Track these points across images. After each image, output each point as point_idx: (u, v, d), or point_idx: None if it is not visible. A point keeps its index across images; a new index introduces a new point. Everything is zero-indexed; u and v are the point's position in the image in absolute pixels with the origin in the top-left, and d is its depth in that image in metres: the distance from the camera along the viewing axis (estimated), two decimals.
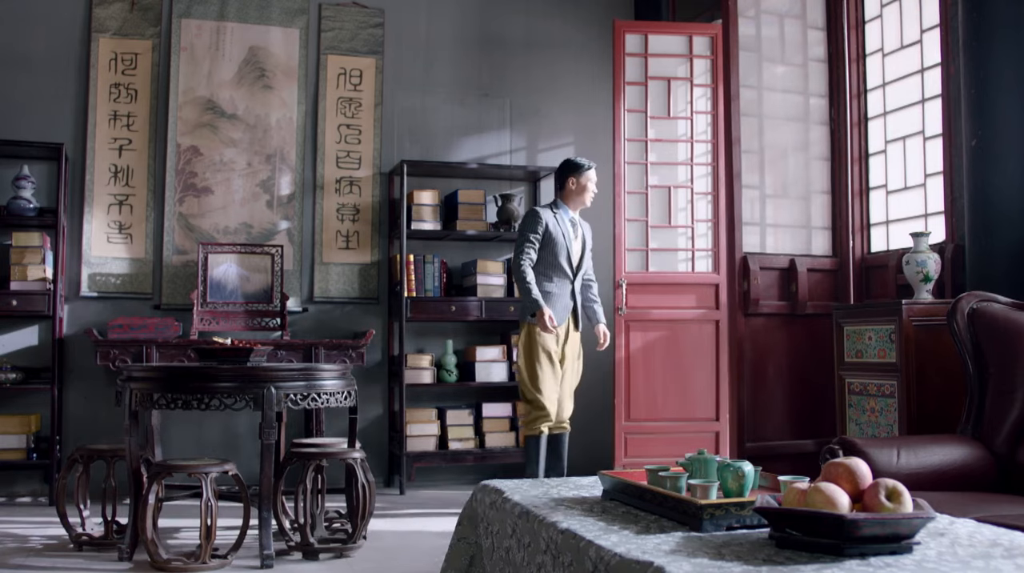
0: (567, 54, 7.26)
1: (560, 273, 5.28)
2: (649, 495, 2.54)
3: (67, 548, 4.63)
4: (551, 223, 5.28)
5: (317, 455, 4.56)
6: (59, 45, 6.39)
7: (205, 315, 6.23)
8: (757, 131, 5.59)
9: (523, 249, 5.23)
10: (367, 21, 6.89)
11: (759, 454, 5.23)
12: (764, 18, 5.69)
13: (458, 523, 3.09)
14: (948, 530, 2.29)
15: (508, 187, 6.93)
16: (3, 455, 5.82)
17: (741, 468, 2.48)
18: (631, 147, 6.40)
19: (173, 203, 6.46)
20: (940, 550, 2.07)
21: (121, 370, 4.71)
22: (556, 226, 5.28)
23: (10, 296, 5.85)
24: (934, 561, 1.96)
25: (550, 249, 5.25)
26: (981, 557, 2.00)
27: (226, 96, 6.61)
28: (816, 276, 5.54)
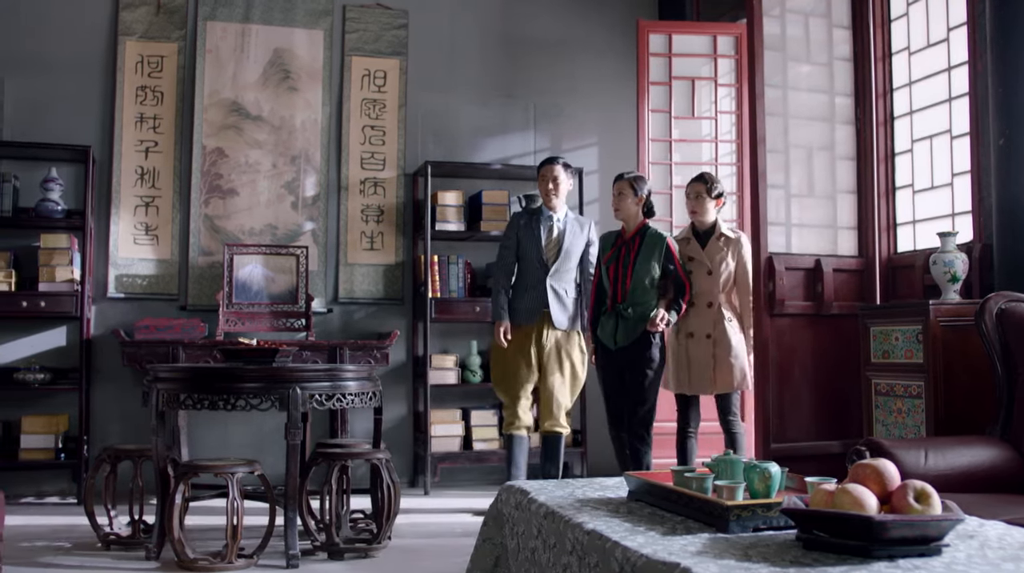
0: (591, 55, 7.25)
1: (531, 274, 5.44)
2: (675, 496, 2.53)
3: (95, 547, 4.67)
4: (522, 225, 5.51)
5: (342, 455, 4.57)
6: (86, 48, 6.45)
7: (231, 316, 6.26)
8: (782, 130, 5.55)
9: (498, 256, 5.61)
10: (391, 22, 6.91)
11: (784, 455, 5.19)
12: (789, 17, 5.65)
13: (483, 524, 3.09)
14: (978, 532, 2.27)
15: (532, 188, 6.89)
16: (32, 455, 5.87)
17: (767, 469, 2.47)
18: (655, 147, 6.39)
19: (199, 204, 6.50)
20: (969, 553, 2.06)
21: (148, 371, 4.74)
22: (527, 228, 5.49)
23: (38, 297, 5.90)
24: (963, 564, 1.94)
25: (522, 251, 5.48)
26: (1011, 560, 1.98)
27: (251, 98, 6.64)
28: (842, 276, 5.50)
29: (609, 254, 5.29)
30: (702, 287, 5.26)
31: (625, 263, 5.21)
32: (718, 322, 5.23)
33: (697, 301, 5.27)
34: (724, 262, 5.26)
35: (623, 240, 5.29)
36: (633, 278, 5.16)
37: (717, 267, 5.26)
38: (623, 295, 5.18)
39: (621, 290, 5.19)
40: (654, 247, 5.20)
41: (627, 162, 6.79)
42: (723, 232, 5.33)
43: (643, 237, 5.24)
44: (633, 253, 5.21)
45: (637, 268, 5.17)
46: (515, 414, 5.41)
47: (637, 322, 5.13)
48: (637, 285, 5.16)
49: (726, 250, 5.29)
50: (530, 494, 2.81)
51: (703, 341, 5.24)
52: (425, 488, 6.37)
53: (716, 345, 5.21)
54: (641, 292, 5.16)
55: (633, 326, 5.13)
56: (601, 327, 5.26)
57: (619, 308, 5.17)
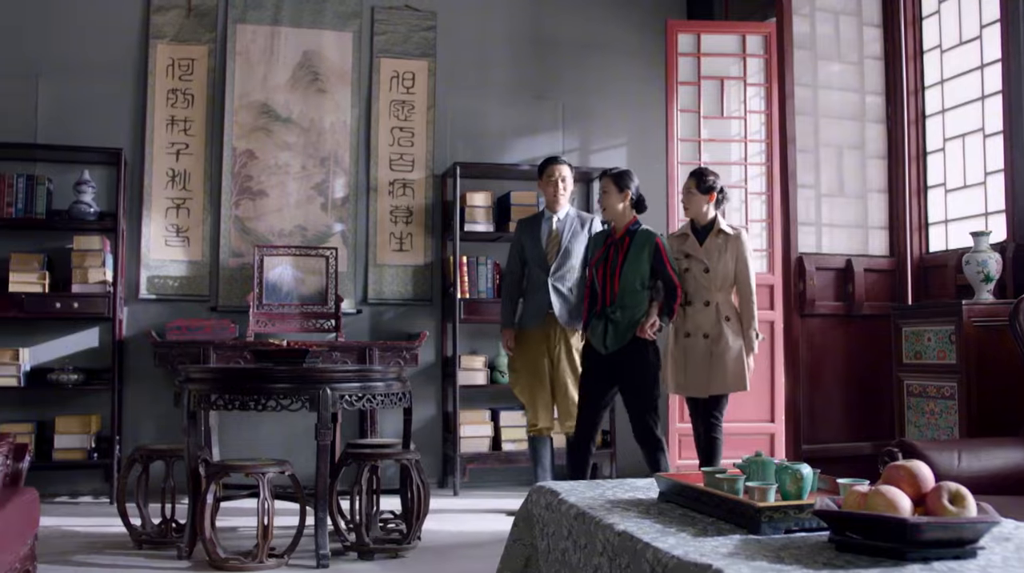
0: (619, 55, 7.23)
1: (535, 276, 5.47)
2: (706, 497, 2.52)
3: (127, 546, 4.70)
4: (526, 229, 5.56)
5: (372, 456, 4.59)
6: (118, 52, 6.50)
7: (261, 317, 6.29)
8: (812, 130, 5.53)
9: (508, 261, 5.67)
10: (420, 24, 6.93)
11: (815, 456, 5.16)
12: (819, 16, 5.63)
13: (513, 524, 3.09)
14: (1013, 535, 2.25)
15: None
16: (65, 455, 5.93)
17: (799, 470, 2.46)
18: (684, 147, 6.38)
19: (229, 206, 6.54)
20: (1005, 555, 2.04)
21: (179, 371, 4.77)
22: (530, 231, 5.53)
23: (72, 299, 5.95)
24: (999, 567, 1.93)
25: (526, 255, 5.51)
26: None
27: (281, 100, 6.67)
28: (873, 276, 5.47)
29: (598, 255, 5.09)
30: (699, 285, 5.05)
31: (613, 265, 4.99)
32: (716, 322, 5.00)
33: (694, 300, 5.06)
34: (722, 259, 5.02)
35: (612, 240, 5.08)
36: (622, 280, 4.94)
37: (715, 265, 5.02)
38: (612, 298, 4.95)
39: (610, 293, 4.96)
40: (643, 247, 4.97)
41: (656, 162, 6.78)
42: (721, 229, 5.09)
43: (632, 237, 5.02)
44: (622, 254, 4.99)
45: (626, 270, 4.95)
46: (535, 417, 5.43)
47: (627, 326, 4.91)
48: (626, 287, 4.93)
49: (725, 247, 5.05)
50: (560, 495, 2.81)
51: (700, 341, 5.02)
52: (454, 489, 6.37)
53: (713, 345, 4.99)
54: (630, 294, 4.93)
55: (623, 330, 4.91)
56: (591, 331, 5.04)
57: (608, 311, 4.94)
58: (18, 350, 5.93)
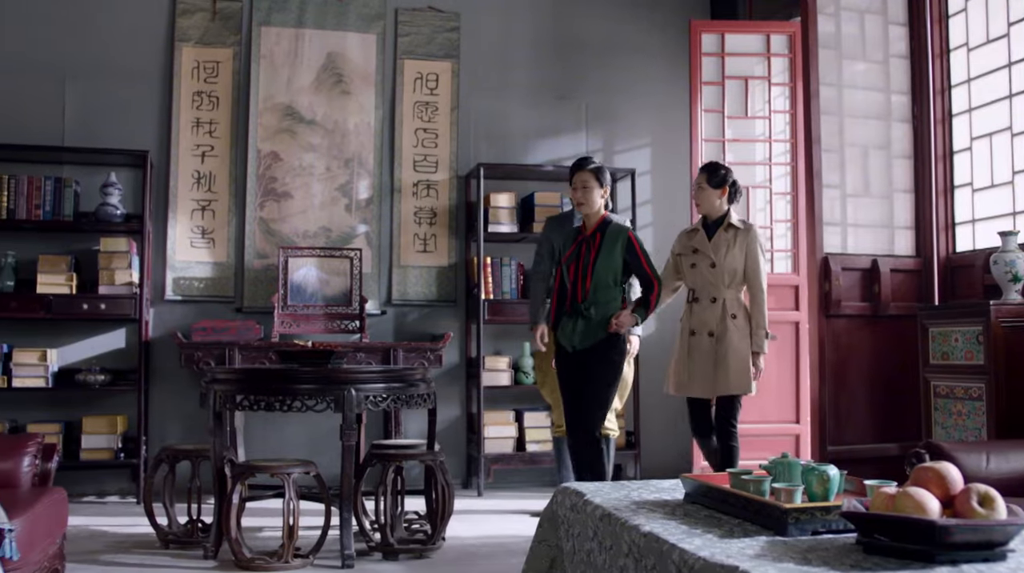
0: (643, 55, 7.22)
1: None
2: (732, 498, 2.51)
3: (154, 545, 4.74)
4: (557, 228, 5.51)
5: (397, 456, 4.60)
6: (144, 55, 6.54)
7: (285, 318, 6.32)
8: (837, 129, 5.50)
9: (533, 262, 5.65)
10: (443, 25, 6.94)
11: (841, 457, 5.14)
12: (844, 15, 5.60)
13: (538, 525, 3.09)
14: None
15: None
16: (92, 455, 5.98)
17: (826, 472, 2.45)
18: (708, 147, 6.36)
19: (254, 208, 6.57)
20: None
21: (205, 372, 4.80)
22: (561, 230, 5.42)
23: (99, 300, 6.00)
24: None
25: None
26: None
27: (305, 102, 6.70)
28: (899, 276, 5.44)
29: (569, 252, 4.92)
30: (706, 281, 4.91)
31: (586, 261, 4.83)
32: (721, 319, 4.86)
33: (701, 297, 4.93)
34: (730, 254, 4.88)
35: (584, 237, 4.91)
36: (594, 277, 4.78)
37: (722, 260, 4.88)
38: (584, 294, 4.79)
39: (582, 289, 4.80)
40: (616, 242, 4.81)
41: (680, 162, 6.77)
42: (731, 223, 4.95)
43: (604, 232, 4.86)
44: (594, 250, 4.83)
45: (598, 266, 4.79)
46: (560, 417, 5.41)
47: (599, 323, 4.75)
48: (599, 284, 4.77)
49: (733, 242, 4.90)
50: (586, 496, 2.80)
51: (705, 339, 4.88)
52: (478, 489, 6.38)
53: (719, 343, 4.84)
54: (603, 291, 4.77)
55: (595, 328, 4.76)
56: (561, 329, 4.87)
57: (580, 308, 4.78)
58: (46, 351, 5.98)
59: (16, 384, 5.90)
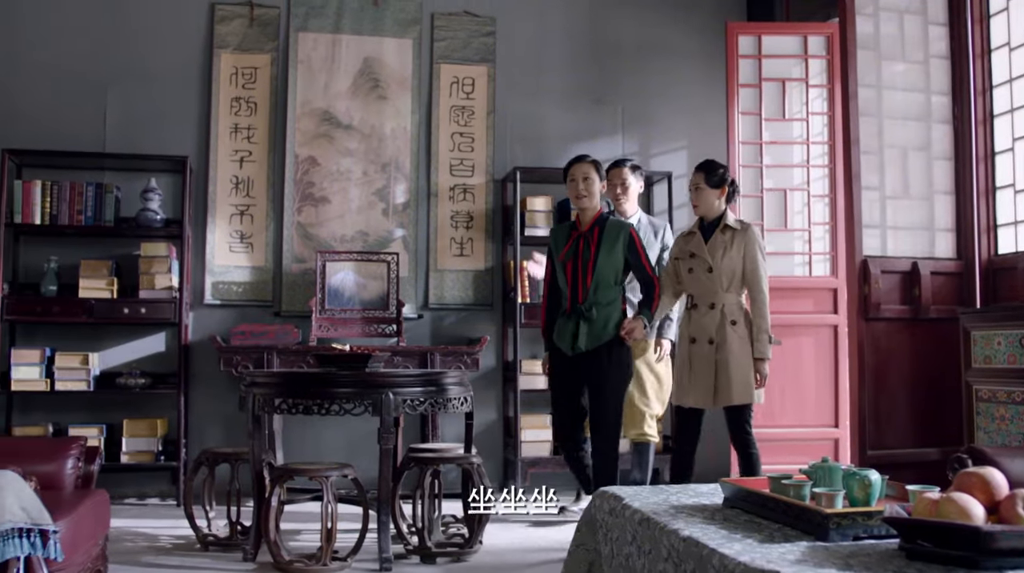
0: (679, 58, 7.19)
1: None
2: (772, 503, 2.50)
3: (194, 548, 4.78)
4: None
5: (434, 460, 4.61)
6: (183, 62, 6.61)
7: (323, 322, 6.35)
8: (876, 131, 5.45)
9: None
10: (479, 29, 6.95)
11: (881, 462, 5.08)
12: (883, 15, 5.55)
13: (576, 529, 3.09)
14: None
15: None
16: (133, 457, 6.04)
17: (867, 477, 2.42)
18: (745, 150, 6.33)
19: (292, 212, 6.61)
20: None
21: (244, 376, 4.83)
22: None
23: (139, 304, 6.06)
24: None
25: None
26: None
27: (342, 107, 6.74)
28: (940, 279, 5.37)
29: (565, 249, 4.69)
30: (704, 286, 4.67)
31: (585, 258, 4.62)
32: (721, 326, 4.61)
33: (700, 303, 4.70)
34: (727, 257, 4.63)
35: (580, 232, 4.70)
36: (595, 274, 4.59)
37: (719, 263, 4.63)
38: (584, 294, 4.59)
39: (582, 289, 4.60)
40: (617, 238, 4.63)
41: None
42: (728, 224, 4.71)
43: (602, 227, 4.67)
44: (593, 246, 4.62)
45: (600, 263, 4.60)
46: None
47: (603, 325, 4.58)
48: (600, 282, 4.60)
49: (731, 244, 4.66)
50: (624, 500, 2.80)
51: (705, 347, 4.63)
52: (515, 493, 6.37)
53: (719, 351, 4.59)
54: (604, 291, 4.60)
55: (599, 330, 4.59)
56: (558, 332, 4.69)
57: (581, 309, 4.59)
58: (87, 355, 6.04)
59: (59, 387, 5.98)
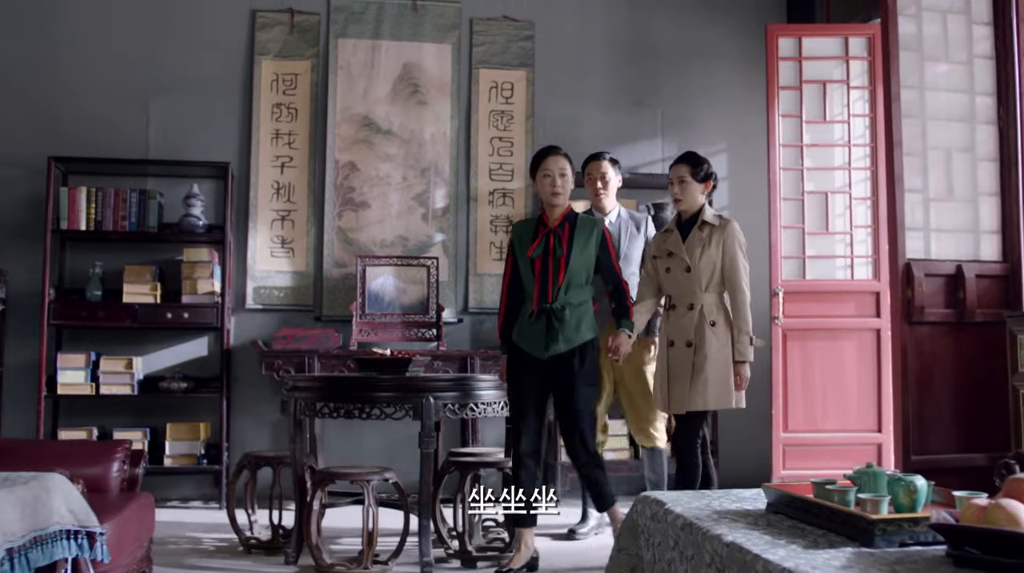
0: (719, 60, 7.16)
1: None
2: (816, 509, 2.47)
3: (236, 550, 4.82)
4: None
5: (474, 464, 4.62)
6: (224, 69, 6.68)
7: (363, 326, 6.38)
8: (919, 133, 5.39)
9: None
10: (518, 34, 6.96)
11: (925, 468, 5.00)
12: (925, 15, 5.49)
13: (618, 534, 3.08)
14: None
15: (661, 196, 6.85)
16: (176, 461, 6.10)
17: (913, 482, 2.39)
18: (786, 152, 6.28)
19: (332, 217, 6.66)
20: None
21: (285, 380, 4.87)
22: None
23: (182, 309, 6.13)
24: None
25: None
26: None
27: (381, 112, 6.77)
28: (985, 282, 5.31)
29: (533, 246, 4.41)
30: (683, 287, 4.47)
31: (556, 255, 4.37)
32: (700, 327, 4.41)
33: (678, 304, 4.50)
34: (706, 255, 4.44)
35: (548, 229, 4.45)
36: (567, 273, 4.35)
37: (697, 262, 4.44)
38: (554, 294, 4.33)
39: (552, 288, 4.34)
40: (590, 234, 4.42)
41: (757, 167, 6.68)
42: (706, 220, 4.52)
43: (573, 224, 4.45)
44: (565, 244, 4.39)
45: (572, 261, 4.36)
46: None
47: (575, 327, 4.33)
48: (572, 280, 4.36)
49: (709, 241, 4.46)
50: (666, 505, 2.78)
51: (683, 350, 4.43)
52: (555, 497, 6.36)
53: (696, 353, 4.39)
54: (576, 290, 4.37)
55: (571, 332, 4.32)
56: (524, 335, 4.40)
57: (551, 309, 4.31)
58: (131, 359, 6.12)
59: (103, 391, 6.06)
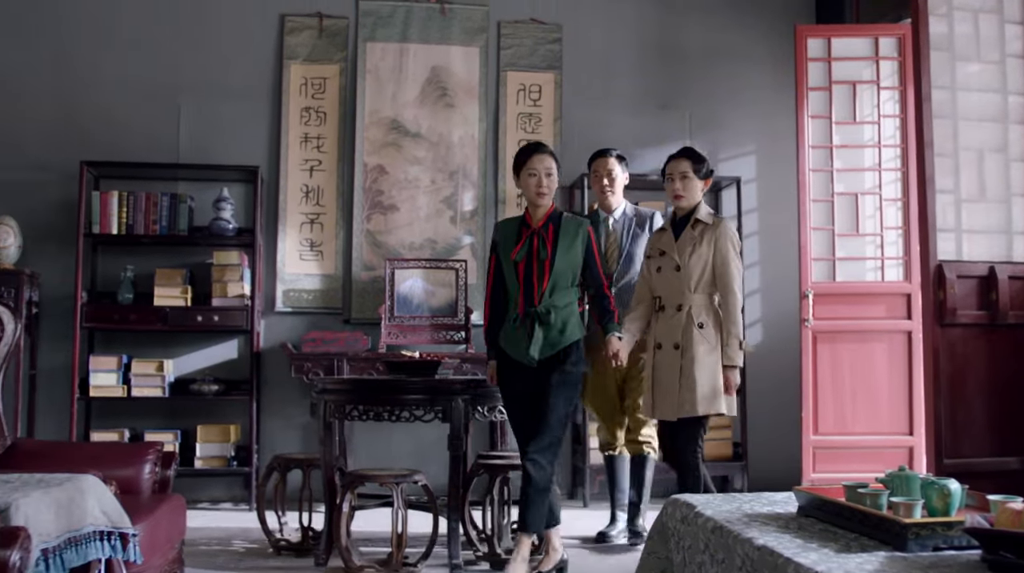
0: (747, 62, 7.13)
1: None
2: (848, 512, 2.46)
3: (267, 552, 4.85)
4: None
5: (503, 467, 4.62)
6: (254, 73, 6.72)
7: (392, 329, 6.40)
8: (951, 133, 5.35)
9: None
10: (545, 37, 6.96)
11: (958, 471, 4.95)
12: (957, 15, 5.44)
13: (648, 537, 3.07)
14: None
15: None
16: (207, 463, 6.14)
17: (947, 486, 2.38)
18: (815, 154, 6.25)
19: (361, 221, 6.68)
20: None
21: (315, 382, 4.89)
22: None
23: (212, 312, 6.17)
24: None
25: None
26: None
27: (410, 116, 6.79)
28: (1018, 284, 5.25)
29: (517, 248, 4.27)
30: (673, 287, 4.35)
31: (541, 258, 4.23)
32: (687, 328, 4.29)
33: (667, 304, 4.38)
34: (696, 253, 4.33)
35: (533, 230, 4.30)
36: (552, 275, 4.20)
37: (687, 261, 4.33)
38: (539, 297, 4.19)
39: (537, 291, 4.20)
40: (576, 235, 4.28)
41: (786, 169, 6.66)
42: (699, 218, 4.41)
43: (558, 224, 4.30)
44: (549, 245, 4.24)
45: (557, 263, 4.22)
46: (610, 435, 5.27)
47: (560, 332, 4.20)
48: (557, 283, 4.22)
49: (701, 240, 4.35)
50: (697, 508, 2.78)
51: (671, 353, 4.31)
52: (584, 500, 6.36)
53: (683, 356, 4.27)
54: (561, 293, 4.23)
55: (555, 337, 4.20)
56: (508, 340, 4.28)
57: (536, 312, 4.17)
58: (162, 361, 6.16)
59: (135, 393, 6.11)
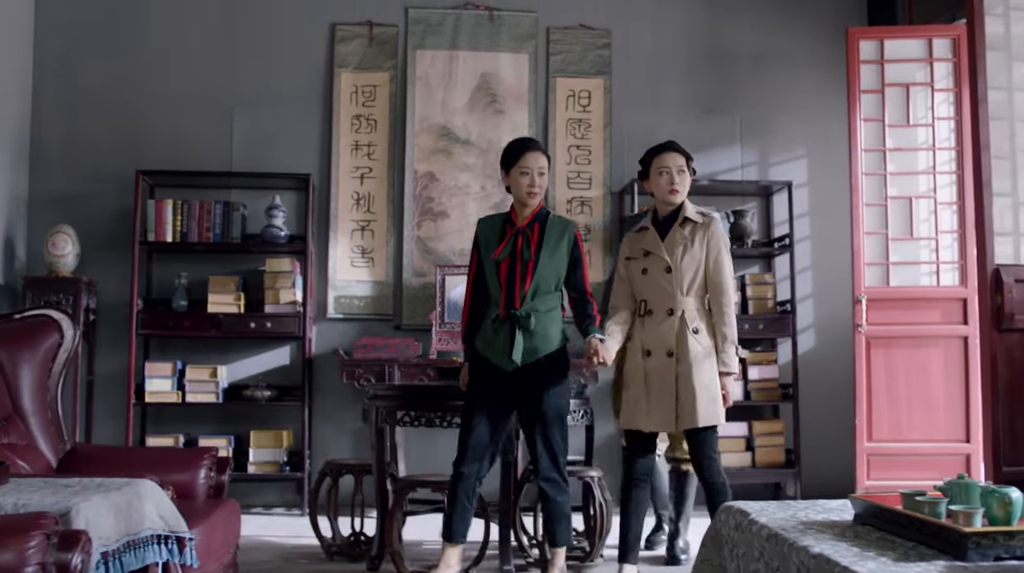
0: (797, 65, 7.07)
1: None
2: (906, 521, 2.42)
3: (319, 557, 4.88)
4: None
5: None
6: (305, 82, 6.78)
7: (443, 335, 6.42)
8: (1008, 135, 5.26)
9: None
10: (594, 42, 6.95)
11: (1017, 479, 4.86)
12: (1013, 15, 5.36)
13: (701, 545, 3.05)
14: None
15: (740, 203, 6.80)
16: (260, 468, 6.19)
17: (1008, 494, 2.33)
18: (868, 157, 6.18)
19: (411, 227, 6.71)
20: None
21: (366, 388, 4.92)
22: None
23: (265, 318, 6.23)
24: None
25: None
26: None
27: (459, 122, 6.82)
28: None
29: (500, 247, 4.12)
30: (662, 290, 4.14)
31: (524, 259, 4.09)
32: (682, 334, 4.09)
33: (655, 309, 4.15)
34: (688, 254, 4.14)
35: (517, 229, 4.16)
36: (535, 277, 4.07)
37: (678, 262, 4.14)
38: (521, 299, 4.07)
39: (518, 293, 4.07)
40: (562, 236, 4.14)
41: (838, 173, 6.60)
42: (688, 216, 4.23)
43: (543, 224, 4.15)
44: (533, 245, 4.10)
45: (541, 265, 4.08)
46: None
47: (543, 336, 4.10)
48: (540, 286, 4.09)
49: (692, 240, 4.17)
50: (751, 515, 2.75)
51: (664, 360, 4.10)
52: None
53: (679, 364, 4.08)
54: (544, 297, 4.11)
55: (538, 341, 4.09)
56: (487, 343, 4.14)
57: (517, 315, 4.05)
58: (216, 368, 6.24)
59: (189, 399, 6.19)
